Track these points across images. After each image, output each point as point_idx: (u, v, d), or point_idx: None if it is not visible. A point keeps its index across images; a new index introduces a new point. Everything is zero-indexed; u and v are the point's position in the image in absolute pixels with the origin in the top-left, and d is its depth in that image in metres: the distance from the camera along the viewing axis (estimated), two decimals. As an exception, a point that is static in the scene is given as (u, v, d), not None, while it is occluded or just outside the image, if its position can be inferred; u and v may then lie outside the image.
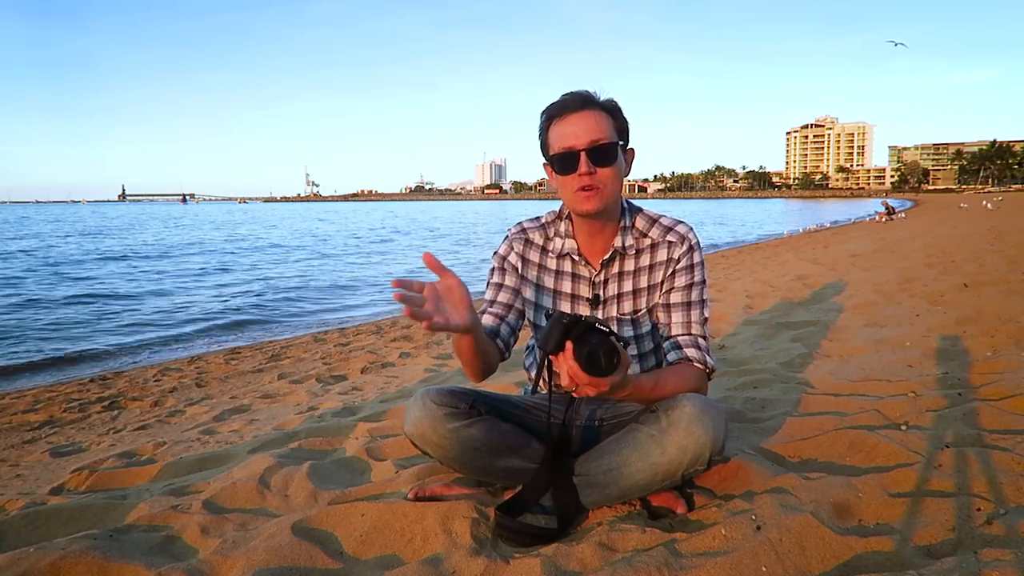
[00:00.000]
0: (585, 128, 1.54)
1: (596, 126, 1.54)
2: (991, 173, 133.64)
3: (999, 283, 4.95)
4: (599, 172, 1.55)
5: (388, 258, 18.53)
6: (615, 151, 1.57)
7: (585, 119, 1.54)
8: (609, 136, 1.56)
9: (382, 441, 2.33)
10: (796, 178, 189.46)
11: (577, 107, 1.55)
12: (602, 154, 1.54)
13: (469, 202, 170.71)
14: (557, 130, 1.57)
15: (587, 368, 1.27)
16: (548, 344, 1.29)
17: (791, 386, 2.68)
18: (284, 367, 5.08)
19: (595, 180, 1.55)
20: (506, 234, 1.83)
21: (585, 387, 1.30)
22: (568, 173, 1.57)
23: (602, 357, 1.27)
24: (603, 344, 1.27)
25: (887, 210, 22.66)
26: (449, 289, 1.38)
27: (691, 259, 1.69)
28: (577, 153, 1.54)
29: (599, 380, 1.28)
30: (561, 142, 1.56)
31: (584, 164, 1.54)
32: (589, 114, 1.55)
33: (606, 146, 1.54)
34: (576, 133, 1.54)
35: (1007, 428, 1.94)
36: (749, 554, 1.33)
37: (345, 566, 1.48)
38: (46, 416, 4.06)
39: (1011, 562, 1.20)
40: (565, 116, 1.56)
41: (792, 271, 7.59)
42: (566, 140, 1.55)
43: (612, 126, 1.57)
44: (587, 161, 1.54)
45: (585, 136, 1.54)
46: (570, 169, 1.56)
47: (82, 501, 1.96)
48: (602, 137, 1.54)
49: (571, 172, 1.56)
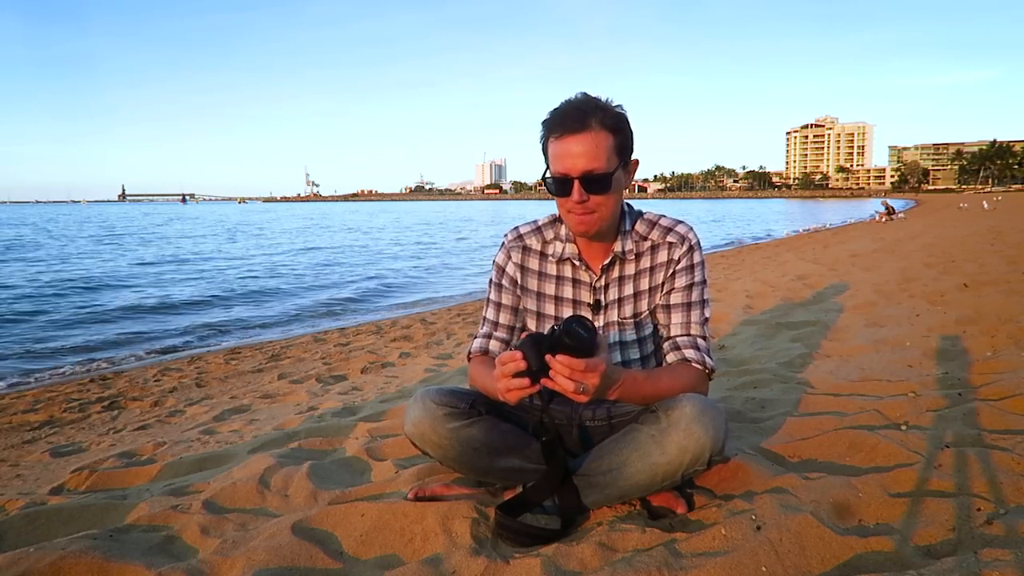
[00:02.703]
0: (580, 153, 1.48)
1: (593, 151, 1.48)
2: (991, 173, 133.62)
3: (999, 283, 4.95)
4: (592, 199, 1.52)
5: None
6: (609, 181, 1.51)
7: (582, 143, 1.48)
8: (605, 164, 1.49)
9: (382, 441, 2.33)
10: (796, 178, 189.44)
11: (575, 128, 1.48)
12: (596, 183, 1.51)
13: (470, 202, 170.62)
14: (554, 149, 1.52)
15: (573, 348, 1.30)
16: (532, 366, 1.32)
17: (791, 386, 2.68)
18: (284, 367, 5.08)
19: (587, 207, 1.53)
20: (503, 241, 1.80)
21: (586, 375, 1.31)
22: (562, 196, 1.55)
23: (576, 326, 1.31)
24: (568, 319, 1.32)
25: (887, 210, 22.66)
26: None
27: (691, 259, 1.68)
28: (571, 180, 1.51)
29: (595, 360, 1.31)
30: (556, 164, 1.52)
31: (577, 192, 1.51)
32: (587, 137, 1.48)
33: (600, 176, 1.50)
34: (572, 159, 1.49)
35: (1007, 428, 1.94)
36: (749, 554, 1.32)
37: (345, 566, 1.48)
38: (46, 416, 4.06)
39: (1011, 562, 1.20)
40: (562, 136, 1.50)
41: (792, 271, 7.59)
42: (562, 163, 1.51)
43: (612, 146, 1.50)
44: (580, 189, 1.50)
45: (581, 164, 1.48)
46: (564, 193, 1.53)
47: (82, 501, 1.96)
48: (597, 166, 1.49)
49: (564, 196, 1.54)
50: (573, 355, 1.30)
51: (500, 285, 1.78)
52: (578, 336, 1.30)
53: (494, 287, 1.79)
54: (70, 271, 15.19)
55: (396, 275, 13.98)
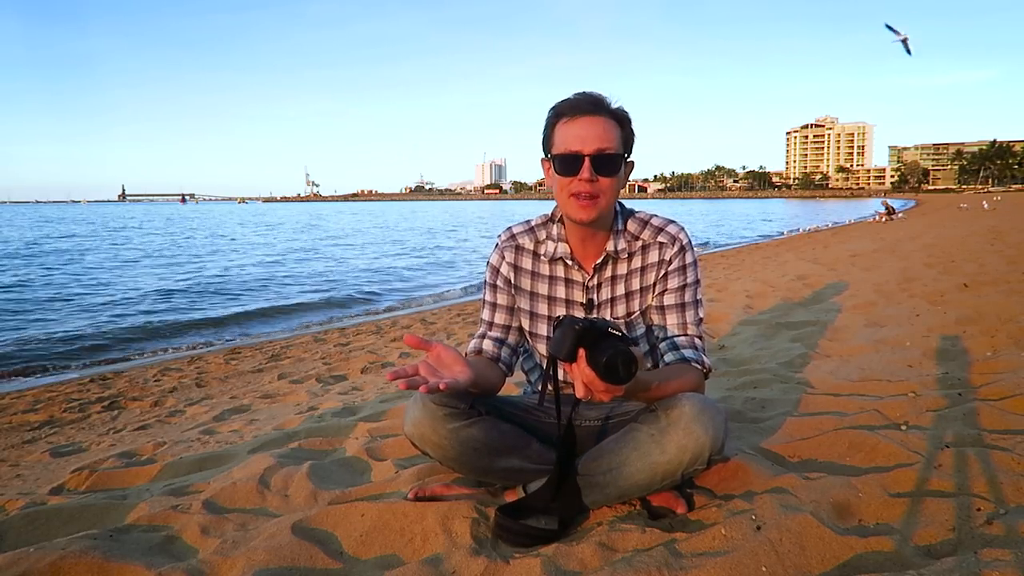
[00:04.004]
0: (594, 134, 1.51)
1: (605, 134, 1.52)
2: (991, 173, 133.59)
3: (999, 283, 4.95)
4: (600, 180, 1.53)
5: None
6: (619, 163, 1.55)
7: (595, 124, 1.52)
8: (616, 147, 1.54)
9: (382, 441, 2.33)
10: (796, 178, 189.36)
11: (589, 111, 1.53)
12: (607, 164, 1.53)
13: (471, 202, 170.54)
14: (565, 130, 1.54)
15: (605, 377, 1.24)
16: (561, 351, 1.27)
17: (791, 386, 2.68)
18: (284, 367, 5.08)
19: (595, 188, 1.54)
20: (496, 242, 1.81)
21: (600, 394, 1.28)
22: (569, 175, 1.54)
23: (620, 367, 1.23)
24: (619, 352, 1.24)
25: (887, 210, 22.66)
26: (439, 358, 1.45)
27: (683, 260, 1.68)
28: (582, 157, 1.51)
29: (616, 388, 1.27)
30: (567, 143, 1.53)
31: (587, 170, 1.52)
32: (600, 120, 1.53)
33: (612, 156, 1.53)
34: (584, 137, 1.51)
35: (1007, 428, 1.94)
36: (749, 554, 1.32)
37: (345, 566, 1.48)
38: (46, 416, 4.06)
39: (1011, 562, 1.20)
40: (575, 117, 1.53)
41: (792, 271, 7.59)
42: (573, 142, 1.52)
43: (619, 136, 1.55)
44: (590, 168, 1.52)
45: (593, 142, 1.51)
46: (572, 172, 1.53)
47: (82, 501, 1.96)
48: (609, 147, 1.52)
49: (572, 175, 1.53)
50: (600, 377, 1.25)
51: (494, 286, 1.79)
52: (613, 372, 1.24)
53: (488, 287, 1.80)
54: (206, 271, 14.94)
55: (396, 275, 13.99)
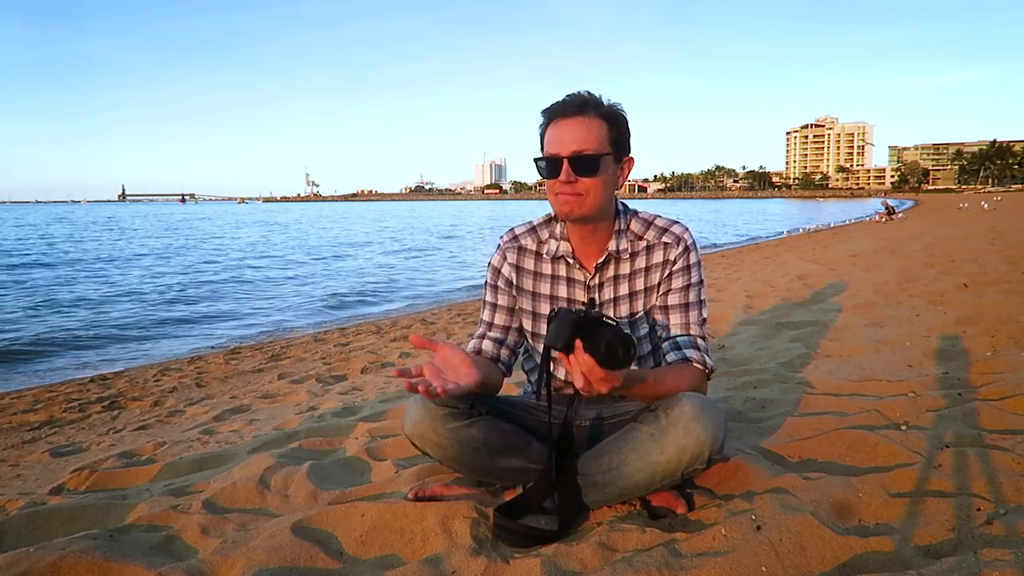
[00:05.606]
0: (572, 136, 1.53)
1: (585, 135, 1.53)
2: (991, 173, 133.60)
3: (999, 283, 4.95)
4: (580, 181, 1.55)
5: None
6: (597, 163, 1.54)
7: (575, 126, 1.54)
8: (597, 147, 1.54)
9: (382, 441, 2.33)
10: (796, 178, 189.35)
11: (572, 112, 1.55)
12: (584, 164, 1.54)
13: (471, 202, 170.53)
14: (549, 133, 1.58)
15: (605, 362, 1.26)
16: (558, 342, 1.29)
17: (791, 386, 2.68)
18: (284, 367, 5.08)
19: (575, 188, 1.56)
20: (499, 243, 1.81)
21: (599, 383, 1.29)
22: (551, 178, 1.58)
23: (619, 349, 1.27)
24: (618, 336, 1.27)
25: (887, 210, 22.67)
26: (445, 359, 1.46)
27: (687, 260, 1.68)
28: (561, 160, 1.54)
29: (614, 374, 1.29)
30: (549, 146, 1.57)
31: (565, 172, 1.54)
32: (581, 121, 1.54)
33: (589, 157, 1.53)
34: (563, 140, 1.54)
35: (1007, 428, 1.94)
36: (749, 554, 1.32)
37: (345, 566, 1.48)
38: (46, 416, 4.06)
39: (1011, 562, 1.20)
40: (558, 120, 1.56)
41: (792, 271, 7.59)
42: (553, 145, 1.56)
43: (605, 135, 1.55)
44: (568, 169, 1.54)
45: (571, 144, 1.53)
46: (553, 174, 1.57)
47: (82, 501, 1.96)
48: (587, 147, 1.53)
49: (553, 177, 1.57)
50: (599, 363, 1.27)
51: (495, 286, 1.79)
52: (614, 355, 1.26)
53: (489, 288, 1.81)
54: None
55: (396, 275, 13.99)
